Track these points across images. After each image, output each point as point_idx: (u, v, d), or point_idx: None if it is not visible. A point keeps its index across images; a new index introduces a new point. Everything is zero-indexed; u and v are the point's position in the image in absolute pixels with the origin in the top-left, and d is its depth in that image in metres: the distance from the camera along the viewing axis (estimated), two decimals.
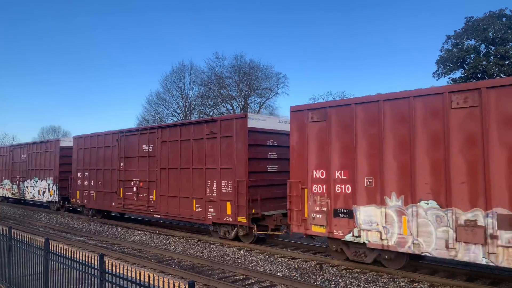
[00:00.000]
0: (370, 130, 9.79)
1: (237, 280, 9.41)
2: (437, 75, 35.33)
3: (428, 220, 8.73)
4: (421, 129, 9.02)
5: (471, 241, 8.09)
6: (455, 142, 8.51)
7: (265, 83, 47.26)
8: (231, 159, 13.35)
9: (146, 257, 11.92)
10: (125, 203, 17.69)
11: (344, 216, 10.13)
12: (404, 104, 9.26)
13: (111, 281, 4.87)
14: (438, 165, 8.68)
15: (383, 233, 9.38)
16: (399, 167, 9.22)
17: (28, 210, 25.66)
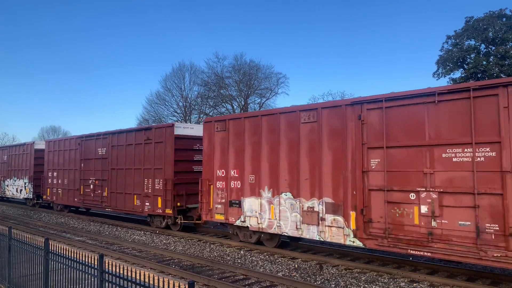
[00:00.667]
0: (253, 138, 12.57)
1: (237, 280, 9.41)
2: (437, 75, 35.36)
3: (286, 208, 11.57)
4: (283, 138, 11.80)
5: (310, 223, 10.91)
6: (303, 149, 11.26)
7: (265, 83, 47.29)
8: (162, 161, 15.90)
9: (146, 257, 11.92)
10: (85, 198, 20.44)
11: (235, 206, 12.94)
12: (274, 118, 12.05)
13: (111, 281, 4.86)
14: (293, 166, 11.50)
15: (259, 218, 12.26)
16: (270, 167, 12.06)
17: (28, 210, 25.69)
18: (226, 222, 13.17)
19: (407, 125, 9.36)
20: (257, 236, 12.68)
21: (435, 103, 8.94)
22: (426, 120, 9.06)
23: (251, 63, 46.79)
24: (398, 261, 10.72)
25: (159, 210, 15.96)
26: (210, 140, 13.82)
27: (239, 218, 12.77)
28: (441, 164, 8.77)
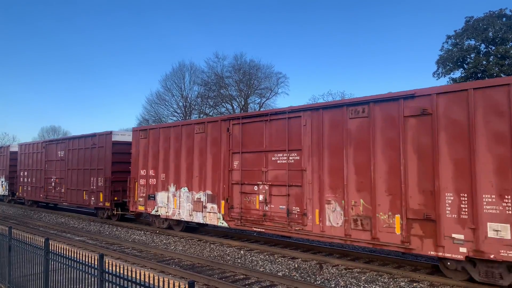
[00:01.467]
0: (164, 145, 15.75)
1: (237, 280, 9.41)
2: (437, 75, 35.37)
3: (184, 199, 14.80)
4: (184, 145, 14.92)
5: (198, 210, 14.22)
6: (196, 153, 14.51)
7: (265, 83, 47.32)
8: (103, 162, 19.29)
9: (146, 257, 11.92)
10: (47, 194, 23.78)
11: (152, 199, 16.18)
12: (178, 129, 15.31)
13: (111, 281, 4.87)
14: (189, 166, 14.66)
15: (167, 208, 15.51)
16: (175, 167, 15.23)
17: (28, 210, 25.71)
18: (146, 212, 16.62)
19: (254, 136, 12.68)
20: (168, 222, 16.05)
21: (269, 121, 12.24)
22: (264, 133, 12.36)
23: (251, 63, 46.87)
24: (398, 261, 10.73)
25: (101, 204, 19.34)
26: (136, 145, 17.10)
27: (154, 208, 16.11)
28: (271, 164, 12.09)
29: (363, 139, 9.99)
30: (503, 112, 7.91)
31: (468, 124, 8.30)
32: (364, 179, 9.90)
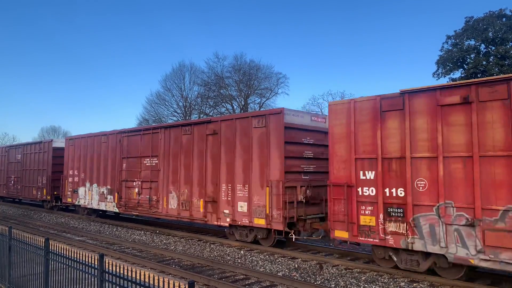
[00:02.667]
0: (83, 151, 20.75)
1: (237, 280, 9.41)
2: (437, 75, 35.39)
3: (95, 192, 19.73)
4: (95, 152, 19.92)
5: (102, 201, 19.27)
6: (103, 158, 19.35)
7: (265, 83, 47.30)
8: (46, 164, 24.13)
9: (146, 257, 11.92)
10: (8, 190, 28.80)
11: (76, 193, 21.24)
12: (91, 139, 20.38)
13: (111, 281, 4.87)
14: (99, 168, 19.51)
15: (84, 199, 20.57)
16: (90, 168, 20.24)
17: (28, 210, 25.73)
18: (72, 203, 21.54)
19: (134, 146, 17.55)
20: (86, 210, 20.95)
21: (142, 135, 17.25)
22: (140, 144, 17.23)
23: (251, 63, 46.85)
24: None
25: (45, 197, 24.22)
26: (67, 151, 22.14)
27: (77, 200, 21.05)
28: (143, 166, 16.98)
29: (188, 149, 15.14)
30: (248, 133, 13.09)
31: (233, 141, 13.55)
32: (188, 176, 15.03)
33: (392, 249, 9.58)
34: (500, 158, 7.97)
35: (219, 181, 13.78)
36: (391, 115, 9.59)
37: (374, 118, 9.87)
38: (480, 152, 8.19)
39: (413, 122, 9.18)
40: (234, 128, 13.53)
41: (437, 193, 8.75)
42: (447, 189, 8.58)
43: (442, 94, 8.85)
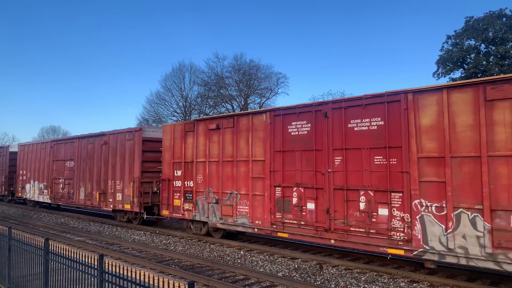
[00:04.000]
0: (29, 155, 25.58)
1: (237, 280, 9.41)
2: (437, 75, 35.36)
3: (36, 188, 24.41)
4: (36, 156, 24.95)
5: (41, 194, 24.24)
6: (41, 162, 24.53)
7: (265, 83, 47.28)
8: (4, 166, 29.09)
9: (146, 257, 11.92)
10: None
11: (24, 188, 26.14)
12: (35, 146, 25.43)
13: (111, 281, 4.86)
14: (38, 169, 24.51)
15: (30, 194, 25.40)
16: (32, 169, 24.91)
17: (28, 210, 25.72)
18: (22, 197, 26.53)
19: (63, 150, 22.44)
20: (32, 203, 25.97)
21: (65, 143, 22.40)
22: (63, 150, 22.40)
23: (251, 63, 46.83)
24: (398, 261, 10.73)
25: (3, 192, 29.40)
26: (19, 155, 27.14)
27: (25, 195, 26.08)
28: (65, 168, 21.92)
29: (91, 155, 20.20)
30: (123, 144, 18.20)
31: (116, 149, 18.64)
32: (90, 175, 20.23)
33: (188, 220, 15.11)
34: (229, 163, 13.48)
35: (107, 178, 18.99)
36: (189, 135, 14.93)
37: (182, 136, 15.22)
38: (224, 158, 13.60)
39: (198, 139, 14.57)
40: (116, 140, 18.64)
41: (207, 184, 14.10)
42: (210, 181, 14.02)
43: (187, 126, 15.18)
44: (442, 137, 8.78)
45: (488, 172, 8.10)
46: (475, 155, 8.30)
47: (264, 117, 12.35)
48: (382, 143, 9.74)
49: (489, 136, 8.12)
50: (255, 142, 12.59)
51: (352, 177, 10.22)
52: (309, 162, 11.10)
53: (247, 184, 12.70)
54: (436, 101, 8.91)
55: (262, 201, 12.26)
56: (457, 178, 8.52)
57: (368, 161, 9.95)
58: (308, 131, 11.23)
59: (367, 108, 10.05)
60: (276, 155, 11.94)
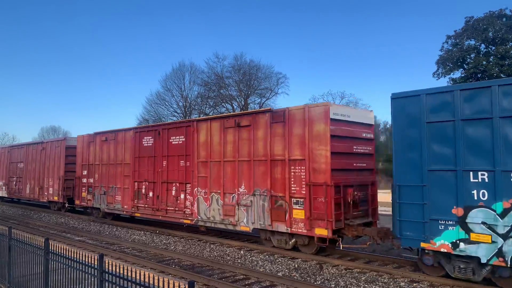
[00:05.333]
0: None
1: (237, 280, 9.41)
2: (437, 75, 35.36)
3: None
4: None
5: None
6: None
7: (265, 83, 47.29)
8: None
9: (146, 257, 11.92)
10: None
11: None
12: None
13: (111, 281, 4.87)
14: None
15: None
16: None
17: (28, 210, 25.74)
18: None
19: (15, 155, 27.78)
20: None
21: (18, 148, 28.19)
22: (18, 154, 27.69)
23: (251, 63, 46.83)
24: (398, 261, 10.73)
25: None
26: None
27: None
28: (18, 168, 27.40)
29: (35, 159, 25.26)
30: (53, 150, 23.84)
31: (50, 154, 24.02)
32: (34, 174, 25.27)
33: (91, 207, 20.34)
34: (112, 165, 18.73)
35: (44, 177, 24.25)
36: (91, 144, 20.18)
37: (87, 145, 20.39)
38: (109, 161, 18.85)
39: (96, 147, 19.91)
40: (50, 147, 24.08)
41: (100, 180, 19.61)
42: (102, 178, 19.34)
43: (90, 137, 20.54)
44: (208, 149, 14.13)
45: (223, 171, 13.53)
46: (219, 160, 13.66)
47: (131, 133, 17.66)
48: (183, 152, 15.09)
49: (224, 149, 13.53)
50: (126, 151, 17.81)
51: (170, 174, 15.64)
52: (151, 164, 16.48)
53: (121, 180, 17.96)
54: (206, 127, 14.33)
55: (128, 192, 17.57)
56: (213, 175, 13.90)
57: (178, 164, 15.34)
58: (152, 144, 16.52)
59: (178, 129, 15.50)
60: (136, 160, 17.24)
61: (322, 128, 10.91)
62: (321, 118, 10.98)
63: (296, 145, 11.47)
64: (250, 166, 12.64)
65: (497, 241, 7.85)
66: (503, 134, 7.93)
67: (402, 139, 9.30)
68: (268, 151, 12.15)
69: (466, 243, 8.21)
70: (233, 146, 13.24)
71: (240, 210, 12.85)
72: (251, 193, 12.57)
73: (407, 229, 9.04)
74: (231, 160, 13.26)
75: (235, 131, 13.20)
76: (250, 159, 12.65)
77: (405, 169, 9.17)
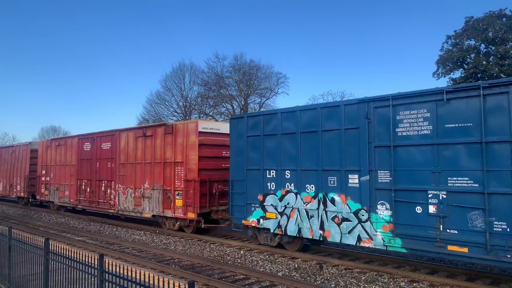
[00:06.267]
0: None
1: (237, 280, 9.41)
2: (437, 75, 35.35)
3: None
4: None
5: None
6: None
7: (265, 83, 47.23)
8: None
9: (146, 256, 11.92)
10: None
11: None
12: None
13: (111, 281, 4.87)
14: None
15: None
16: None
17: (28, 210, 25.73)
18: None
19: None
20: None
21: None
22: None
23: (251, 63, 46.80)
24: (398, 261, 10.74)
25: None
26: None
27: None
28: None
29: (5, 160, 28.97)
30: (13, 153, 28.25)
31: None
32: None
33: (48, 201, 24.30)
34: (63, 166, 22.59)
35: (13, 176, 27.52)
36: (48, 149, 23.67)
37: (46, 149, 23.85)
38: (61, 163, 22.59)
39: (52, 152, 23.41)
40: (19, 150, 27.17)
41: (54, 178, 23.06)
42: (55, 177, 22.97)
43: (47, 142, 24.80)
44: (125, 153, 17.76)
45: (135, 171, 17.25)
46: (133, 162, 17.36)
47: (76, 140, 21.31)
48: (110, 156, 18.65)
49: (136, 154, 17.30)
50: (72, 154, 21.53)
51: (101, 174, 19.20)
52: (89, 165, 20.10)
53: (68, 178, 21.77)
54: (125, 136, 17.93)
55: (73, 188, 21.30)
56: (128, 174, 17.55)
57: (106, 165, 18.88)
58: (89, 149, 20.16)
59: (107, 137, 19.04)
60: (79, 161, 20.92)
61: (193, 139, 14.74)
62: (193, 131, 14.76)
63: (179, 151, 15.22)
64: (152, 167, 16.37)
65: (278, 217, 11.78)
66: (283, 146, 11.65)
67: (234, 148, 13.02)
68: (162, 155, 15.91)
69: (264, 219, 12.11)
70: (141, 151, 16.95)
71: (144, 201, 16.65)
72: (151, 188, 16.37)
73: (236, 211, 12.93)
74: (140, 162, 16.98)
75: (143, 140, 16.89)
76: (151, 161, 16.41)
77: (235, 169, 12.96)
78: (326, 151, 10.67)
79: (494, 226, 7.90)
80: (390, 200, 9.32)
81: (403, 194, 9.14)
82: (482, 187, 8.01)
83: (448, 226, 8.45)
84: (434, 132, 8.75)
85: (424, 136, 8.89)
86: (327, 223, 10.58)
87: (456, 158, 8.42)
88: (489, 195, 7.93)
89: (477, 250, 8.04)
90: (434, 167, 8.68)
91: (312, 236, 10.87)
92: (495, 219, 7.89)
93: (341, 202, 10.30)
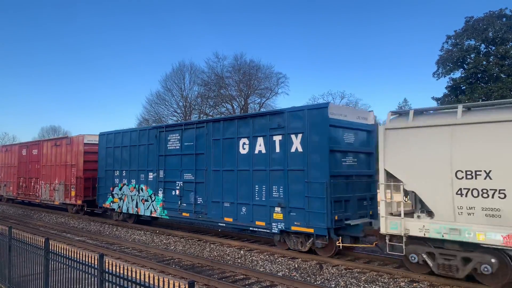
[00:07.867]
0: None
1: (237, 280, 9.41)
2: (437, 75, 35.37)
3: None
4: None
5: None
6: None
7: (265, 83, 47.20)
8: None
9: (146, 257, 11.92)
10: None
11: None
12: None
13: (111, 281, 4.87)
14: None
15: None
16: None
17: (28, 210, 25.73)
18: None
19: None
20: None
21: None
22: None
23: (251, 63, 46.76)
24: (398, 261, 10.73)
25: None
26: None
27: None
28: None
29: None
30: None
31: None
32: None
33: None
34: (5, 167, 29.26)
35: None
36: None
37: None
38: (4, 164, 29.21)
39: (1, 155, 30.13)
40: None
41: (3, 177, 29.35)
42: (4, 176, 28.95)
43: None
44: (46, 157, 23.56)
45: (51, 171, 23.07)
46: (51, 165, 23.32)
47: (17, 147, 27.36)
48: (37, 159, 24.54)
49: (52, 158, 23.25)
50: (15, 158, 27.15)
51: (32, 173, 25.17)
52: (25, 166, 25.63)
53: (12, 177, 27.24)
54: (46, 144, 23.54)
55: (15, 184, 26.92)
56: (48, 173, 23.42)
57: (35, 166, 24.96)
58: (25, 153, 25.98)
59: (36, 145, 25.16)
60: (19, 163, 26.56)
61: (81, 148, 20.92)
62: (81, 142, 20.94)
63: (74, 157, 21.14)
64: (59, 168, 22.22)
65: (119, 202, 18.07)
66: (123, 154, 18.07)
67: (100, 155, 19.29)
68: (65, 160, 21.85)
69: (112, 203, 18.47)
70: (54, 156, 22.81)
71: (55, 192, 22.52)
72: (59, 183, 22.23)
73: (100, 198, 19.13)
74: (53, 164, 22.82)
75: (56, 148, 22.78)
76: (59, 164, 22.23)
77: (100, 170, 19.18)
78: (141, 158, 16.82)
79: (197, 200, 14.25)
80: (163, 187, 15.73)
81: (168, 184, 15.56)
82: (194, 178, 14.48)
83: (184, 202, 14.77)
84: (180, 148, 15.16)
85: (177, 150, 15.25)
86: (139, 204, 16.86)
87: (188, 162, 14.75)
88: (196, 184, 14.37)
89: (192, 214, 14.46)
90: (179, 167, 15.08)
91: (133, 212, 17.21)
92: (198, 196, 14.26)
93: (145, 189, 16.64)
